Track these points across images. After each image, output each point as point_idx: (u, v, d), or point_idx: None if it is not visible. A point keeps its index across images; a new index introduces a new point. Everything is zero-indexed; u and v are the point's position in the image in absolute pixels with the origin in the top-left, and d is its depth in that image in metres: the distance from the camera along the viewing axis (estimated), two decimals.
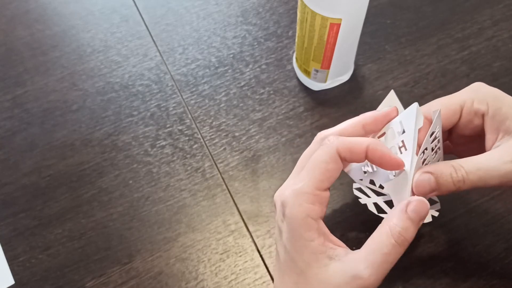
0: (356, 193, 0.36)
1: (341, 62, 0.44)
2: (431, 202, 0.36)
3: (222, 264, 0.40)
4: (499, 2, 0.52)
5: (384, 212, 0.34)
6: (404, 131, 0.31)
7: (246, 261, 0.40)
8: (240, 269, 0.39)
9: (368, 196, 0.35)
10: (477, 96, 0.31)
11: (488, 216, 0.40)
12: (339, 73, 0.46)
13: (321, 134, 0.33)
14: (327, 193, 0.30)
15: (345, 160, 0.30)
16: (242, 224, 0.41)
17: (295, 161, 0.33)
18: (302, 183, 0.29)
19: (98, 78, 0.49)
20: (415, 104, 0.30)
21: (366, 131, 0.32)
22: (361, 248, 0.28)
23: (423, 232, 0.40)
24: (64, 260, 0.40)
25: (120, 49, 0.51)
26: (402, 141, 0.31)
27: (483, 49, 0.49)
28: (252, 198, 0.42)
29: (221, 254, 0.40)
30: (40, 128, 0.47)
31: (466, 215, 0.40)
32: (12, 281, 0.39)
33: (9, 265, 0.40)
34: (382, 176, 0.32)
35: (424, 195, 0.29)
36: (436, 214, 0.34)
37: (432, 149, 0.32)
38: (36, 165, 0.45)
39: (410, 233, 0.28)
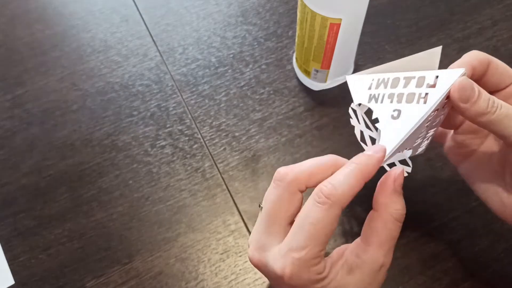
0: (351, 112, 0.35)
1: (341, 62, 0.44)
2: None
3: (222, 264, 0.40)
4: (499, 2, 0.52)
5: (364, 143, 0.34)
6: (433, 85, 0.30)
7: (246, 261, 0.40)
8: (240, 269, 0.39)
9: (358, 122, 0.35)
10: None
11: (488, 216, 0.40)
12: (339, 73, 0.46)
13: (281, 172, 0.29)
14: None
15: None
16: (242, 224, 0.41)
17: (295, 161, 0.33)
18: (305, 251, 0.27)
19: (98, 78, 0.49)
20: (462, 70, 0.30)
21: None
22: (370, 241, 0.28)
23: (423, 232, 0.40)
24: (64, 260, 0.40)
25: (120, 49, 0.51)
26: (426, 94, 0.30)
27: (483, 49, 0.49)
28: (252, 198, 0.42)
29: (221, 254, 0.40)
30: (40, 128, 0.47)
31: (466, 215, 0.40)
32: (12, 281, 0.39)
33: (9, 265, 0.40)
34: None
35: (459, 98, 0.28)
36: (409, 169, 0.33)
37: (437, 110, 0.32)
38: (36, 165, 0.45)
39: (404, 207, 0.29)
